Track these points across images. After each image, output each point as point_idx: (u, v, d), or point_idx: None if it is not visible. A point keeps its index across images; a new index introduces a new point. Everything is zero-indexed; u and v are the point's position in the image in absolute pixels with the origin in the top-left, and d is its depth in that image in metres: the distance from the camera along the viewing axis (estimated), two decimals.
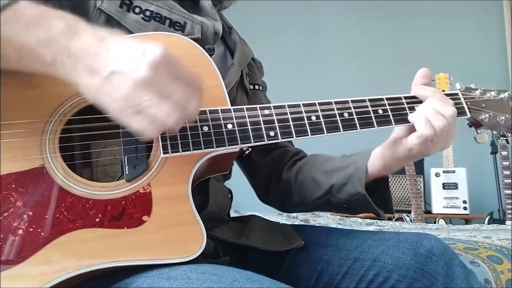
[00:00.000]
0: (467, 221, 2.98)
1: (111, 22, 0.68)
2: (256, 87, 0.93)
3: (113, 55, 0.48)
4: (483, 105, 0.80)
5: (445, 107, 0.71)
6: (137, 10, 0.69)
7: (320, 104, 0.70)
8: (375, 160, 0.79)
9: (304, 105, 0.69)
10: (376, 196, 0.80)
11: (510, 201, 2.65)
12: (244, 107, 0.65)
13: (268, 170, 0.94)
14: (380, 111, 0.72)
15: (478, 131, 0.82)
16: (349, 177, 0.80)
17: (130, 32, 0.68)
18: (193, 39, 0.68)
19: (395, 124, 0.73)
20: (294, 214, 2.11)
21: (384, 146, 0.78)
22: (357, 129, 0.70)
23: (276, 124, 0.66)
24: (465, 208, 2.96)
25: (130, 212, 0.57)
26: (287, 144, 0.97)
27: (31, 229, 0.52)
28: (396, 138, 0.75)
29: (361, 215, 1.58)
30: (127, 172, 0.58)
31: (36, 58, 0.50)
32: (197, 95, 0.52)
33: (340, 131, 0.69)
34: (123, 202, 0.57)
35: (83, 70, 0.48)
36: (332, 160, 0.87)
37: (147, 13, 0.69)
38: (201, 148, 0.61)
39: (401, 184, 3.23)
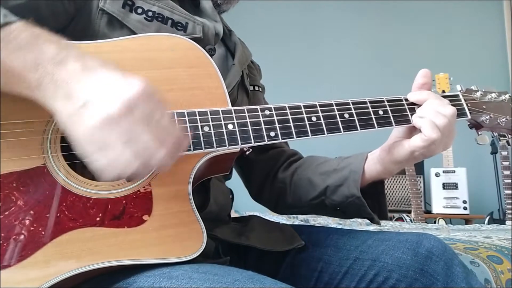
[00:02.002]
0: (467, 221, 2.98)
1: (113, 22, 0.68)
2: (256, 88, 0.93)
3: (92, 85, 0.47)
4: (483, 106, 0.80)
5: (445, 107, 0.72)
6: (139, 10, 0.69)
7: (320, 105, 0.70)
8: (374, 163, 0.79)
9: (305, 106, 0.69)
10: (371, 200, 0.80)
11: (510, 201, 2.65)
12: (245, 107, 0.66)
13: (263, 169, 0.94)
14: (381, 112, 0.73)
15: (479, 132, 0.82)
16: (345, 179, 0.80)
17: (133, 32, 0.68)
18: (195, 39, 0.68)
19: (396, 125, 0.73)
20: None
21: (383, 149, 0.78)
22: (357, 130, 0.70)
23: (277, 125, 0.66)
24: (465, 208, 2.96)
25: (131, 212, 0.57)
26: (283, 145, 0.97)
27: (32, 228, 0.52)
28: (395, 141, 0.75)
29: None
30: None
31: (23, 82, 0.49)
32: (164, 149, 0.48)
33: (340, 131, 0.69)
34: (124, 202, 0.57)
35: (60, 96, 0.47)
36: (328, 162, 0.87)
37: (150, 13, 0.70)
38: (201, 148, 0.61)
39: (401, 184, 3.23)
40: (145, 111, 0.46)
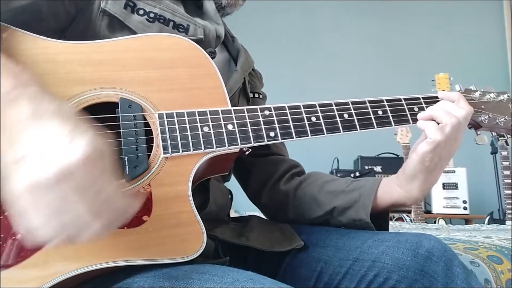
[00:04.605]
0: (467, 221, 2.99)
1: (114, 24, 0.68)
2: (256, 95, 0.93)
3: (35, 138, 0.41)
4: (482, 106, 0.80)
5: (458, 109, 0.73)
6: (141, 12, 0.70)
7: (320, 105, 0.70)
8: (391, 186, 0.79)
9: (304, 106, 0.69)
10: (375, 224, 0.80)
11: (510, 201, 2.65)
12: (244, 108, 0.66)
13: (262, 173, 0.93)
14: (380, 112, 0.73)
15: (478, 132, 0.82)
16: (353, 202, 0.80)
17: (134, 32, 0.68)
18: (196, 40, 0.68)
19: (395, 125, 0.74)
20: None
21: (400, 169, 0.78)
22: (356, 130, 0.71)
23: (276, 125, 0.66)
24: (465, 208, 2.96)
25: None
26: (284, 153, 0.96)
27: None
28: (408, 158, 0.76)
29: None
30: (127, 172, 0.58)
31: None
32: (97, 223, 0.42)
33: (340, 132, 0.69)
34: None
35: (4, 140, 0.42)
36: (335, 181, 0.86)
37: (151, 15, 0.70)
38: (201, 149, 0.61)
39: None
40: (83, 180, 0.41)
